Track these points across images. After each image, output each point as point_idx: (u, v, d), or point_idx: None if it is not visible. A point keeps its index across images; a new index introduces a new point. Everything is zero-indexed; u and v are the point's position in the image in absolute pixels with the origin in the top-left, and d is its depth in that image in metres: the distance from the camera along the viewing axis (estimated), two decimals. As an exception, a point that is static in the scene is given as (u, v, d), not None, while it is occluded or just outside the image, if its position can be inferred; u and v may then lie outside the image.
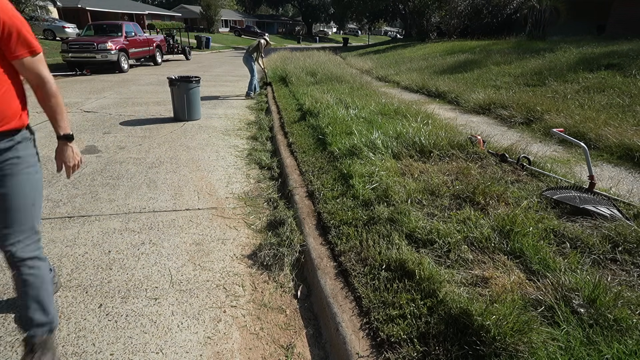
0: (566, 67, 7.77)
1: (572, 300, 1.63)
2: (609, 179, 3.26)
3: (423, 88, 8.59)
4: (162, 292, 2.13)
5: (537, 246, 2.05)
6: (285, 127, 5.29)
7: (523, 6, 15.20)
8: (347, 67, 13.23)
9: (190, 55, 18.93)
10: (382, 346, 1.59)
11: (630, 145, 3.82)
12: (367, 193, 2.82)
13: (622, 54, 7.84)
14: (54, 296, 2.02)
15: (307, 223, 2.70)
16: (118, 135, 5.23)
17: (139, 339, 1.80)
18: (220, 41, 34.74)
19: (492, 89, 7.20)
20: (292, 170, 3.73)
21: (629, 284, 1.80)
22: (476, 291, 1.76)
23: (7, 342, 1.77)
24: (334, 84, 8.27)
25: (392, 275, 1.95)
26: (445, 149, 3.62)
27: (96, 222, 2.89)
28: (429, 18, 23.64)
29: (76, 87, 9.34)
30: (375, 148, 3.69)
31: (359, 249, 2.23)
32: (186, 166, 4.08)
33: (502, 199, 2.64)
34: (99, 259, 2.43)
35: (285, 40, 48.22)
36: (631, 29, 10.37)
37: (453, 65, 10.78)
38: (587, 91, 6.19)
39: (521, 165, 3.29)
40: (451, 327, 1.57)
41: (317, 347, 1.84)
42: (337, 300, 1.91)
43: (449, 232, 2.21)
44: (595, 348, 1.41)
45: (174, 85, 5.94)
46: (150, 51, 15.04)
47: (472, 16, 19.20)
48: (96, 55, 11.95)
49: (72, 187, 3.50)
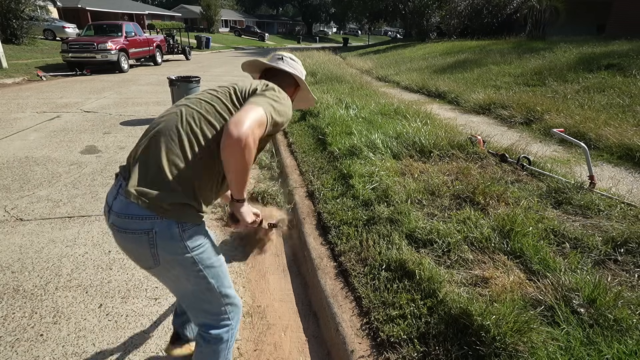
0: (566, 67, 7.77)
1: (572, 300, 1.62)
2: (609, 179, 3.26)
3: (423, 88, 8.58)
4: (162, 292, 2.13)
5: (537, 246, 2.05)
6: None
7: (523, 6, 15.20)
8: (347, 67, 13.22)
9: (190, 55, 18.93)
10: (382, 346, 1.59)
11: (630, 145, 3.82)
12: (367, 193, 2.82)
13: (622, 54, 7.83)
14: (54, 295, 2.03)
15: (307, 223, 2.70)
16: (118, 135, 5.23)
17: (139, 339, 1.80)
18: (220, 41, 34.73)
19: (492, 89, 7.19)
20: (292, 170, 3.73)
21: (629, 284, 1.80)
22: (476, 291, 1.76)
23: (7, 342, 1.77)
24: (334, 84, 8.26)
25: (392, 276, 1.95)
26: (445, 149, 3.62)
27: (96, 222, 2.89)
28: (429, 18, 23.62)
29: (76, 87, 9.35)
30: (375, 148, 3.69)
31: (359, 249, 2.23)
32: (186, 166, 4.08)
33: (502, 199, 2.64)
34: (99, 259, 2.43)
35: (285, 40, 48.25)
36: (631, 29, 10.36)
37: (453, 65, 10.77)
38: (587, 91, 6.19)
39: (521, 165, 3.29)
40: (451, 327, 1.57)
41: (317, 347, 1.84)
42: (337, 300, 1.91)
43: (449, 232, 2.21)
44: (596, 348, 1.41)
45: (174, 85, 5.92)
46: (150, 51, 15.04)
47: (472, 16, 19.17)
48: (96, 55, 11.95)
49: (72, 187, 3.50)
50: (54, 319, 1.92)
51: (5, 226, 2.80)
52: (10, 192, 3.38)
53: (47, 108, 6.82)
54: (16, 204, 3.14)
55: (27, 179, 3.65)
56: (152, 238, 1.10)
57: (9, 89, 9.10)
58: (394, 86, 9.74)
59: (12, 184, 3.55)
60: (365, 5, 30.70)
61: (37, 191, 3.39)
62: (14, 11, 14.95)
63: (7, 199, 3.23)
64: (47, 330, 1.85)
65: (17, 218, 2.92)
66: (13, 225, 2.82)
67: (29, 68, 11.61)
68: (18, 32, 15.66)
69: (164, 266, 1.16)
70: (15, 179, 3.65)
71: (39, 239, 2.64)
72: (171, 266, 1.17)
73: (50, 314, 1.95)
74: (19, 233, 2.71)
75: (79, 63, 12.00)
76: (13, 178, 3.68)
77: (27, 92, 8.59)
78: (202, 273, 1.20)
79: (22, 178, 3.68)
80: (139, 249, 1.14)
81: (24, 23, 15.86)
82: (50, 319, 1.92)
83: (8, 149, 4.55)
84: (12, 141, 4.84)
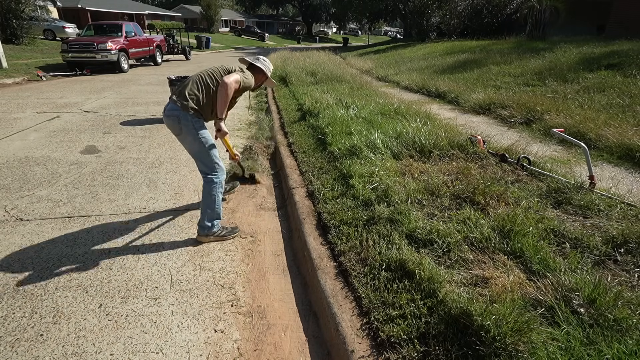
0: (566, 67, 7.77)
1: (572, 300, 1.62)
2: (609, 179, 3.26)
3: (423, 88, 8.58)
4: (162, 292, 2.13)
5: (537, 246, 2.05)
6: (285, 127, 5.29)
7: (523, 6, 15.17)
8: (347, 67, 13.22)
9: (190, 55, 18.93)
10: (382, 346, 1.59)
11: (630, 145, 3.82)
12: (367, 193, 2.82)
13: (622, 54, 7.83)
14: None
15: (307, 223, 2.70)
16: (118, 135, 5.23)
17: (139, 339, 1.80)
18: (220, 41, 34.74)
19: (492, 89, 7.19)
20: (292, 170, 3.73)
21: (629, 284, 1.80)
22: (476, 291, 1.76)
23: (7, 342, 1.77)
24: (334, 84, 8.26)
25: (392, 276, 1.95)
26: (445, 149, 3.62)
27: (96, 222, 2.89)
28: (429, 18, 23.61)
29: (76, 87, 9.35)
30: (375, 148, 3.69)
31: (359, 249, 2.23)
32: (186, 166, 4.08)
33: (502, 199, 2.64)
34: (99, 259, 2.43)
35: (285, 40, 48.25)
36: (631, 29, 10.36)
37: (453, 65, 10.77)
38: (587, 91, 6.19)
39: (521, 165, 3.29)
40: (451, 327, 1.57)
41: (317, 347, 1.84)
42: (337, 300, 1.91)
43: (449, 232, 2.21)
44: (596, 348, 1.41)
45: (174, 85, 5.92)
46: (150, 51, 15.04)
47: (472, 16, 19.16)
48: (96, 55, 11.95)
49: (72, 187, 3.50)
50: (54, 319, 1.92)
51: (5, 226, 2.80)
52: (10, 192, 3.38)
53: (47, 108, 6.82)
54: (16, 204, 3.14)
55: (27, 179, 3.65)
56: (179, 118, 2.40)
57: (9, 89, 9.10)
58: (394, 86, 9.74)
59: (12, 184, 3.55)
60: (365, 5, 30.73)
61: (37, 191, 3.40)
62: (14, 11, 14.94)
63: (7, 199, 3.23)
64: (47, 330, 1.85)
65: (17, 218, 2.92)
66: (13, 225, 2.82)
67: (29, 68, 11.61)
68: (18, 32, 15.65)
69: (184, 134, 2.44)
70: (15, 179, 3.65)
71: (39, 239, 2.64)
72: (186, 134, 2.44)
73: (50, 314, 1.95)
74: (19, 233, 2.71)
75: (79, 63, 12.00)
76: (13, 178, 3.68)
77: (27, 92, 8.59)
78: (201, 141, 2.46)
79: (22, 178, 3.68)
80: (173, 124, 2.43)
81: (24, 23, 15.85)
82: (50, 319, 1.92)
83: (8, 149, 4.55)
84: (12, 141, 4.84)
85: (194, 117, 2.40)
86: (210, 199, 2.54)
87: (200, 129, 2.44)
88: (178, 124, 2.40)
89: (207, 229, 2.58)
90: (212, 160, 2.53)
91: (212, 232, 2.61)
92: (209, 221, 2.58)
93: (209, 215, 2.57)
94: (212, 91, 2.44)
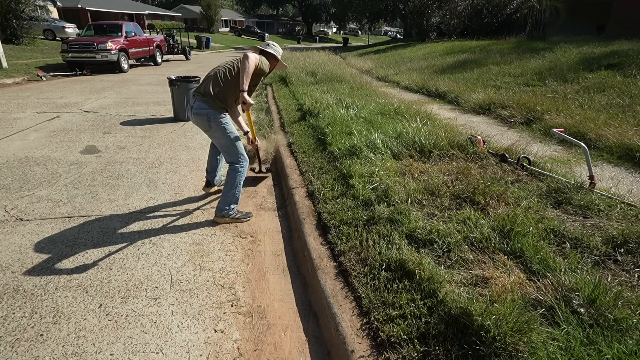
0: (566, 67, 7.76)
1: (572, 300, 1.62)
2: (609, 179, 3.26)
3: (423, 88, 8.58)
4: (162, 292, 2.13)
5: (537, 246, 2.05)
6: (285, 127, 5.29)
7: (523, 6, 15.16)
8: (347, 67, 13.22)
9: (190, 55, 18.93)
10: (382, 346, 1.59)
11: (630, 145, 3.82)
12: (367, 193, 2.82)
13: (622, 54, 7.83)
14: (55, 295, 2.03)
15: (307, 223, 2.70)
16: (118, 135, 5.23)
17: (139, 339, 1.80)
18: (221, 41, 34.74)
19: (492, 89, 7.19)
20: (292, 170, 3.73)
21: (629, 284, 1.80)
22: (476, 291, 1.76)
23: (7, 342, 1.77)
24: (334, 84, 8.26)
25: (392, 276, 1.95)
26: (445, 149, 3.62)
27: (96, 222, 2.89)
28: (429, 18, 23.60)
29: (76, 87, 9.35)
30: (375, 148, 3.69)
31: (359, 249, 2.23)
32: (186, 166, 4.08)
33: (502, 199, 2.64)
34: (99, 259, 2.43)
35: (285, 40, 48.20)
36: (631, 29, 10.36)
37: (453, 65, 10.77)
38: (587, 91, 6.19)
39: (521, 165, 3.29)
40: (451, 327, 1.57)
41: (317, 347, 1.84)
42: (337, 300, 1.91)
43: (449, 232, 2.20)
44: (596, 348, 1.41)
45: (174, 85, 5.93)
46: (150, 51, 15.04)
47: (472, 16, 19.16)
48: (96, 55, 11.95)
49: (72, 187, 3.50)
50: (54, 319, 1.92)
51: (5, 226, 2.80)
52: (10, 192, 3.38)
53: (47, 108, 6.82)
54: (16, 204, 3.14)
55: (27, 179, 3.65)
56: (208, 117, 2.68)
57: (9, 89, 9.10)
58: (394, 86, 9.74)
59: (12, 184, 3.55)
60: (365, 5, 30.73)
61: (37, 191, 3.40)
62: (14, 11, 14.94)
63: (7, 199, 3.23)
64: (47, 330, 1.85)
65: (17, 218, 2.92)
66: (13, 225, 2.82)
67: (29, 68, 11.61)
68: (18, 32, 15.65)
69: (213, 130, 2.74)
70: (15, 179, 3.65)
71: (39, 239, 2.64)
72: (215, 130, 2.73)
73: (50, 314, 1.95)
74: (19, 233, 2.71)
75: (79, 63, 12.00)
76: (13, 178, 3.68)
77: (27, 92, 8.59)
78: (229, 136, 2.76)
79: (22, 178, 3.68)
80: (202, 122, 2.71)
81: (24, 23, 15.86)
82: (50, 319, 1.92)
83: (8, 149, 4.55)
84: (12, 141, 4.84)
85: (221, 113, 2.71)
86: (232, 184, 2.82)
87: (227, 124, 2.75)
88: (207, 122, 2.69)
89: (225, 211, 2.86)
90: (237, 152, 2.83)
91: (229, 214, 2.88)
92: (227, 204, 2.86)
93: (229, 199, 2.85)
94: (231, 76, 2.71)
